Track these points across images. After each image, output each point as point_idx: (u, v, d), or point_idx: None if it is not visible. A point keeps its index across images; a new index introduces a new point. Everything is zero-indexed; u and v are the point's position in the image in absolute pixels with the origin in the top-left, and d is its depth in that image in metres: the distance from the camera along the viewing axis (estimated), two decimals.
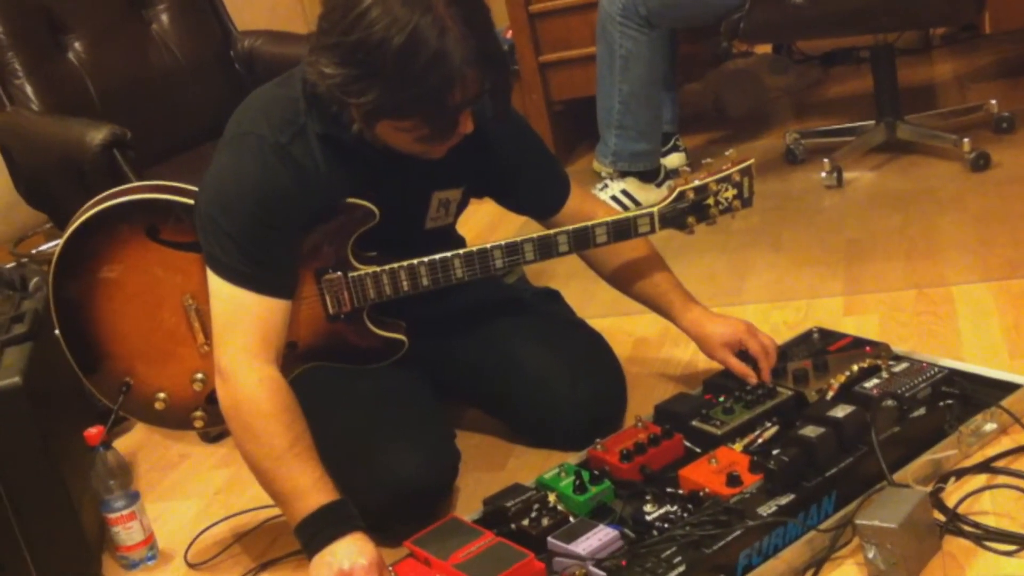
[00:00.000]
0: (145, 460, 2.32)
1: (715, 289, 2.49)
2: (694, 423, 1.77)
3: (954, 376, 1.77)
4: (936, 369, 1.78)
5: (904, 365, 1.81)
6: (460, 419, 2.11)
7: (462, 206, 1.97)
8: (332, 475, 1.62)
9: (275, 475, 1.61)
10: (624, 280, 1.99)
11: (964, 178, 2.82)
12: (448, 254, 1.81)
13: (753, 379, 1.87)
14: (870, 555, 1.44)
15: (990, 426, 1.69)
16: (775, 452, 1.58)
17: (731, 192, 1.89)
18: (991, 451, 1.66)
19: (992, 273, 2.26)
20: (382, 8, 1.51)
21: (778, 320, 2.28)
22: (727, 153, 1.91)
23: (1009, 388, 1.74)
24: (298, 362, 1.84)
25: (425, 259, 1.81)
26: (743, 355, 1.90)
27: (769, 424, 1.73)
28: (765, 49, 4.26)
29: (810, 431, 1.59)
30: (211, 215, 1.69)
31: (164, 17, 2.96)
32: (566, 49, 3.52)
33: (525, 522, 1.60)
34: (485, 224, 3.04)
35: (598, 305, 2.36)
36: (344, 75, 1.56)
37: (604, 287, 2.04)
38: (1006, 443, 1.68)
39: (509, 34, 3.59)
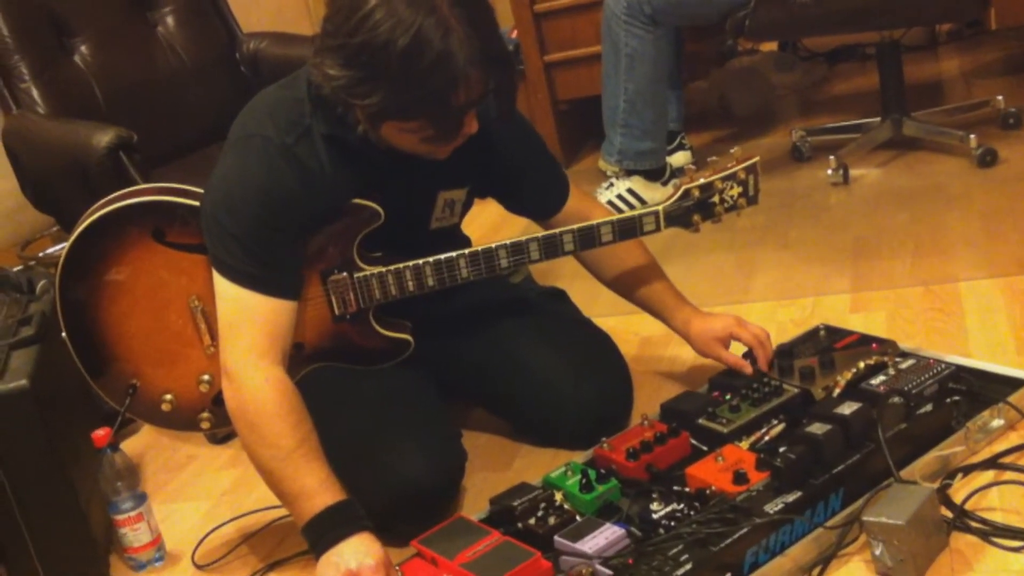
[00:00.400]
0: (152, 461, 2.32)
1: (722, 287, 2.49)
2: (700, 421, 1.77)
3: (961, 372, 1.76)
4: (943, 366, 1.78)
5: (911, 362, 1.80)
6: (466, 419, 2.11)
7: (467, 206, 1.97)
8: (339, 475, 1.62)
9: (282, 475, 1.61)
10: (622, 285, 2.02)
11: (971, 174, 2.81)
12: (453, 254, 1.81)
13: (749, 369, 1.88)
14: (877, 552, 1.43)
15: (997, 422, 1.68)
16: (782, 450, 1.58)
17: (737, 190, 1.89)
18: (998, 447, 1.65)
19: (999, 269, 2.25)
20: (386, 10, 1.51)
21: (785, 318, 2.27)
22: (732, 151, 1.90)
23: (1016, 384, 1.73)
24: (304, 363, 1.85)
25: (430, 259, 1.81)
26: (747, 354, 1.91)
27: (776, 422, 1.73)
28: (770, 47, 4.25)
29: (817, 428, 1.59)
30: (217, 217, 1.70)
31: (169, 20, 2.96)
32: (571, 48, 3.51)
33: (532, 521, 1.60)
34: (490, 225, 3.04)
35: (604, 304, 2.35)
36: (349, 77, 1.56)
37: None
38: (1013, 439, 1.67)
39: (514, 34, 3.59)
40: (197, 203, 1.79)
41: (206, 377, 1.86)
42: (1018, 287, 2.16)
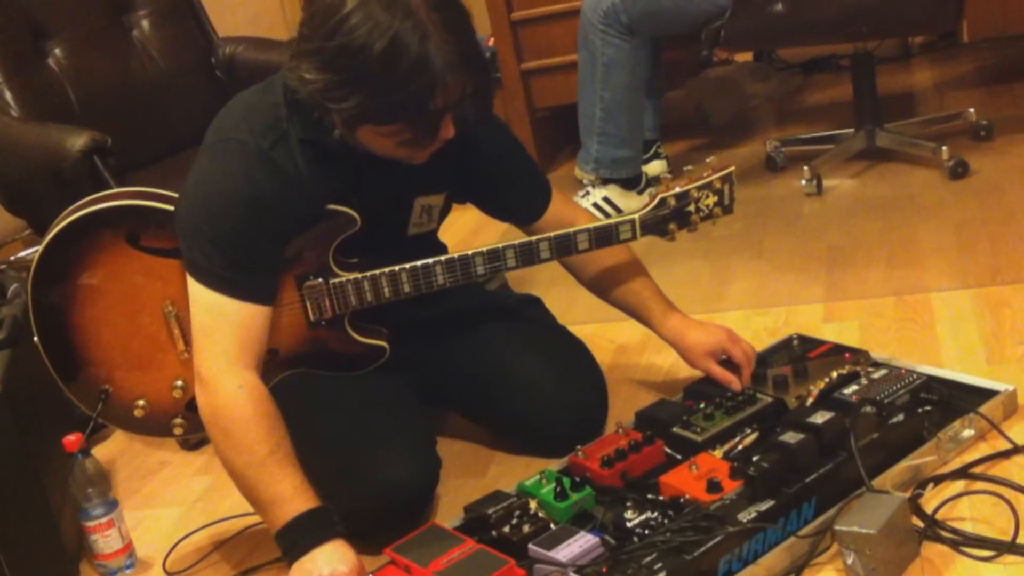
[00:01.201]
0: (124, 467, 2.31)
1: (697, 295, 2.50)
2: (675, 430, 1.77)
3: (932, 383, 1.78)
4: (915, 375, 1.79)
5: (883, 372, 1.82)
6: (441, 426, 2.10)
7: (445, 212, 1.97)
8: (317, 481, 1.61)
9: (255, 482, 1.60)
10: (604, 286, 2.00)
11: (943, 185, 2.84)
12: (430, 261, 1.81)
13: (737, 387, 1.87)
14: (849, 561, 1.44)
15: (968, 432, 1.70)
16: (755, 458, 1.59)
17: (712, 199, 1.90)
18: (969, 457, 1.67)
19: (971, 280, 2.28)
20: (363, 14, 1.51)
21: (759, 327, 2.28)
22: (708, 160, 1.91)
23: (986, 395, 1.75)
24: (279, 369, 1.84)
25: (406, 266, 1.81)
26: (726, 362, 1.91)
27: (749, 430, 1.74)
28: (746, 57, 4.28)
29: (790, 437, 1.60)
30: (194, 221, 1.69)
31: (145, 23, 2.95)
32: (548, 56, 3.52)
33: (506, 529, 1.60)
34: (468, 230, 3.04)
35: (580, 311, 2.36)
36: (325, 80, 1.56)
37: (586, 294, 2.05)
38: (984, 449, 1.68)
39: (491, 42, 3.60)
40: (172, 207, 1.78)
41: (179, 383, 1.85)
42: (989, 298, 2.18)
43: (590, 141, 3.09)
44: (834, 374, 1.82)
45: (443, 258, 1.82)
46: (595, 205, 3.06)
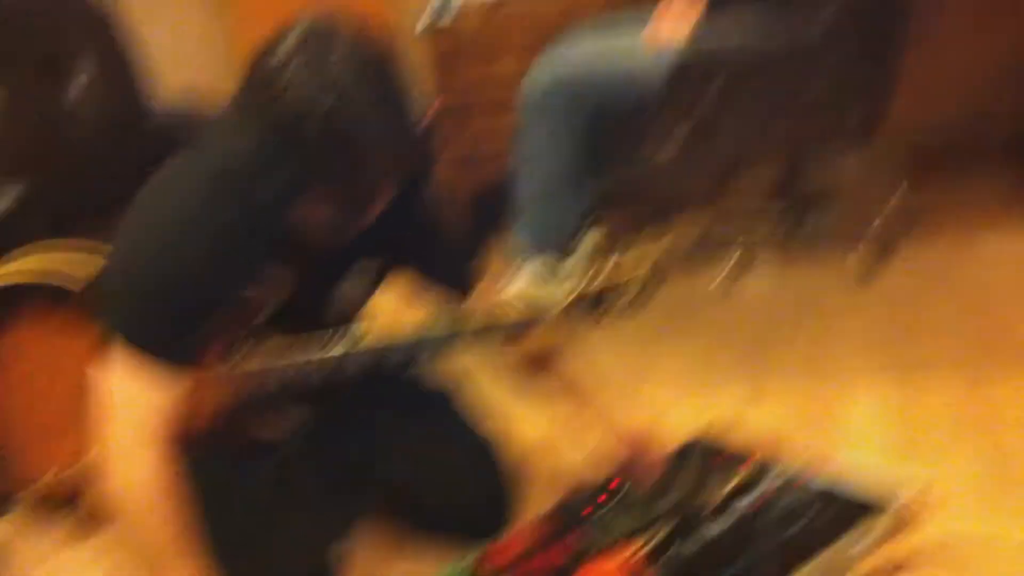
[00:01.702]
0: (19, 551, 2.20)
1: (617, 382, 2.52)
2: (581, 527, 1.77)
3: (834, 490, 1.78)
4: (818, 483, 1.80)
5: (785, 478, 1.82)
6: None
7: (379, 279, 1.97)
8: (220, 566, 1.60)
9: (154, 570, 1.58)
10: None
11: (865, 276, 2.90)
12: (342, 350, 1.80)
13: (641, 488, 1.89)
14: None
15: (869, 540, 1.70)
16: (654, 566, 1.59)
17: (633, 291, 1.91)
18: (863, 569, 1.68)
19: (891, 370, 2.33)
20: (299, 85, 1.52)
21: (675, 420, 2.29)
22: (630, 251, 1.93)
23: (885, 505, 1.75)
24: (189, 451, 1.81)
25: (316, 357, 1.79)
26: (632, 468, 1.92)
27: (649, 538, 1.72)
28: None
29: (686, 548, 1.60)
30: (117, 284, 1.68)
31: (80, 85, 2.93)
32: (484, 140, 3.55)
33: None
34: (399, 301, 3.03)
35: (495, 401, 2.36)
36: (259, 150, 1.56)
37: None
38: (886, 556, 1.70)
39: (433, 110, 3.62)
40: (90, 276, 1.76)
41: (82, 461, 1.82)
42: (907, 387, 2.24)
43: (521, 221, 3.10)
44: (733, 482, 1.82)
45: (358, 348, 1.81)
46: (522, 286, 3.06)
